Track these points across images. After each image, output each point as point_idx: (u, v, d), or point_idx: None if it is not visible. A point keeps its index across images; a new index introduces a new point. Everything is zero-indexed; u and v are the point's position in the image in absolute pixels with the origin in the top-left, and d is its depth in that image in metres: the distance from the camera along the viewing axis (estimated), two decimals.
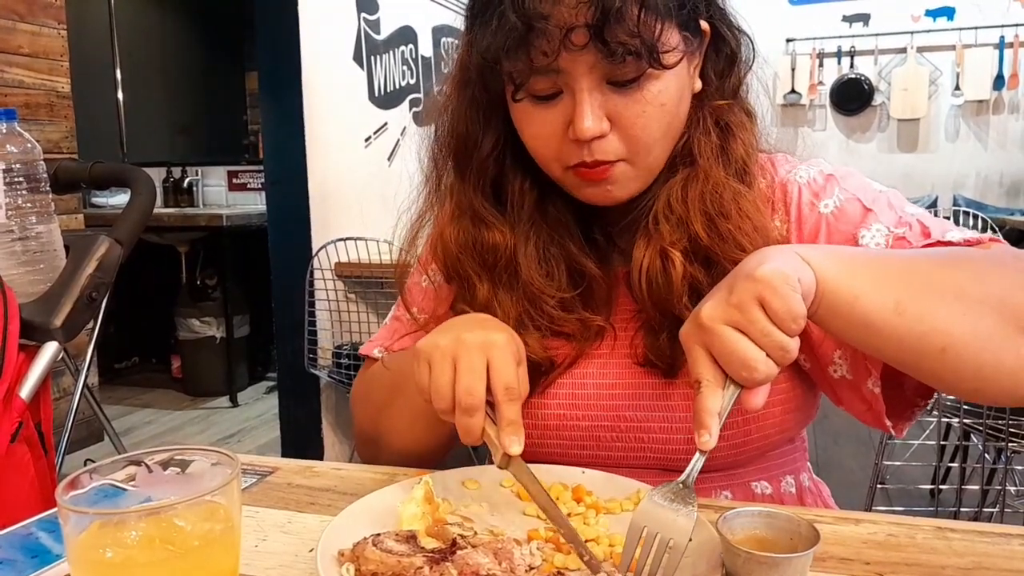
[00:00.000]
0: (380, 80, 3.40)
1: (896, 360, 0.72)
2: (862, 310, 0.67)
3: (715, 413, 0.63)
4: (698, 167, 0.83)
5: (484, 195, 0.88)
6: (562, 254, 0.88)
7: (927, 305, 0.68)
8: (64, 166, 1.28)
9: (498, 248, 0.87)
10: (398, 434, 0.92)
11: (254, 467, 0.91)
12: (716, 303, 0.64)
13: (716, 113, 0.85)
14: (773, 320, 0.62)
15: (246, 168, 4.95)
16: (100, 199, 4.55)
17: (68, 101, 3.39)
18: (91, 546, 0.50)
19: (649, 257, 0.82)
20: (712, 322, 0.63)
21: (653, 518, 0.62)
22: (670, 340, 0.83)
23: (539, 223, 0.88)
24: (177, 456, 0.58)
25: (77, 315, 0.99)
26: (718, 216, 0.81)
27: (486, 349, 0.72)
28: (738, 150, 0.84)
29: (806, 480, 0.95)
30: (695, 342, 0.65)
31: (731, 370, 0.63)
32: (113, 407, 4.17)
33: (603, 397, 0.87)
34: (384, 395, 0.93)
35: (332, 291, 3.05)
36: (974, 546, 0.70)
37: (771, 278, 0.62)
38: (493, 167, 0.88)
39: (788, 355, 0.63)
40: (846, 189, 0.85)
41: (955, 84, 4.76)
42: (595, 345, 0.88)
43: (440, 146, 0.91)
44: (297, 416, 3.20)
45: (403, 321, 1.00)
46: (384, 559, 0.61)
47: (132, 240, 1.09)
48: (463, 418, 0.71)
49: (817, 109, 4.99)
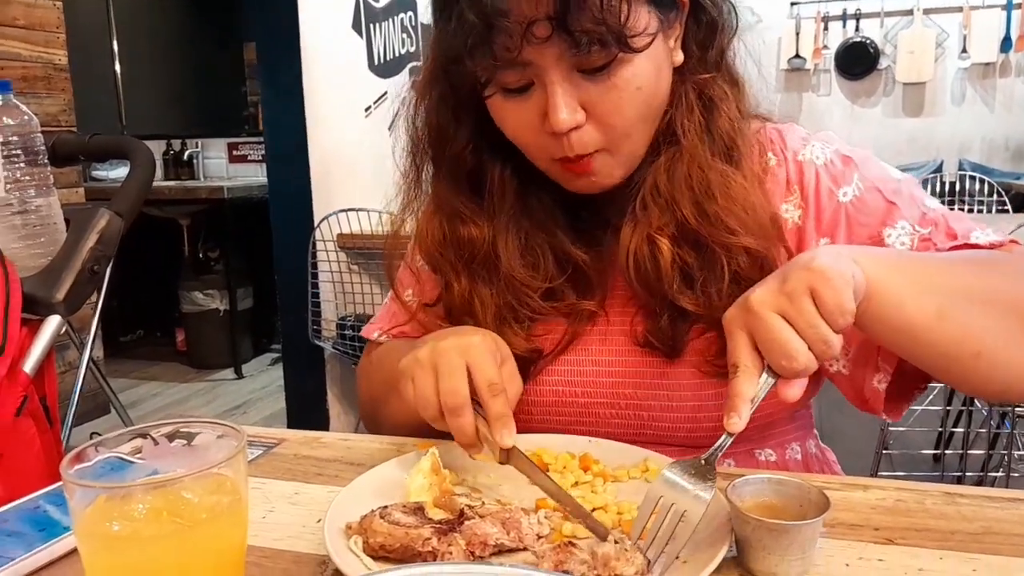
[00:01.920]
0: (379, 48, 3.36)
1: (928, 364, 0.73)
2: (907, 316, 0.68)
3: (748, 398, 0.63)
4: (682, 147, 0.81)
5: (461, 189, 0.87)
6: (548, 242, 0.86)
7: (965, 312, 0.69)
8: (62, 138, 1.26)
9: (475, 242, 0.86)
10: (395, 422, 0.92)
11: (260, 439, 0.91)
12: (767, 290, 0.64)
13: (699, 87, 0.82)
14: (822, 312, 0.62)
15: (246, 140, 4.93)
16: (100, 172, 4.53)
17: (65, 74, 3.35)
18: (98, 519, 0.50)
19: (636, 243, 0.81)
20: (761, 307, 0.63)
21: (670, 491, 0.62)
22: (671, 323, 0.82)
23: (522, 213, 0.87)
24: (183, 428, 0.58)
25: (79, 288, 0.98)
26: (705, 198, 0.79)
27: (463, 351, 0.73)
28: (723, 125, 0.82)
29: (812, 447, 0.95)
30: (739, 326, 0.64)
31: (771, 358, 0.63)
32: (118, 380, 4.19)
33: (601, 375, 0.87)
34: (381, 386, 0.94)
35: (335, 263, 3.04)
36: (983, 511, 0.70)
37: (827, 270, 0.62)
38: (471, 159, 0.86)
39: (830, 350, 0.62)
40: (866, 177, 0.83)
41: (962, 47, 4.70)
42: (589, 327, 0.88)
43: (416, 142, 0.89)
44: (302, 387, 3.21)
45: (402, 303, 0.99)
46: (392, 531, 0.61)
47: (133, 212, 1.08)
48: (453, 419, 0.71)
49: (821, 74, 4.92)
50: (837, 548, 0.64)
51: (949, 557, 0.62)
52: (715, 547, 0.60)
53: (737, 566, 0.61)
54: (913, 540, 0.65)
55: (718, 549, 0.59)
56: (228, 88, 5.21)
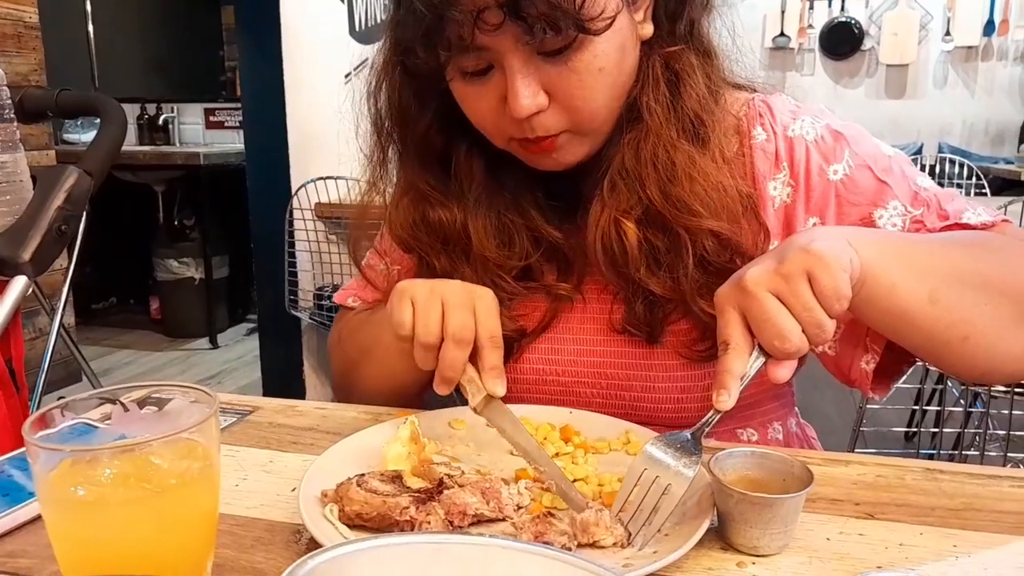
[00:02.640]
0: (361, 14, 3.30)
1: (916, 346, 0.73)
2: (899, 300, 0.67)
3: (738, 376, 0.62)
4: (648, 126, 0.78)
5: (428, 171, 0.85)
6: (521, 220, 0.85)
7: (956, 296, 0.69)
8: (30, 93, 1.22)
9: (446, 225, 0.85)
10: (370, 388, 0.91)
11: (234, 406, 0.89)
12: (763, 269, 0.62)
13: (666, 59, 0.79)
14: (818, 297, 0.61)
15: (223, 106, 4.84)
16: (72, 135, 4.44)
17: (36, 32, 3.26)
18: (62, 484, 0.48)
19: (604, 225, 0.80)
20: (756, 287, 0.61)
21: (654, 464, 0.61)
22: (646, 308, 0.81)
23: (493, 192, 0.85)
24: (154, 394, 0.56)
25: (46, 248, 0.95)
26: (670, 181, 0.77)
27: (471, 295, 0.72)
28: (690, 103, 0.79)
29: (793, 426, 0.95)
30: (731, 304, 0.63)
31: (764, 338, 0.61)
32: (91, 348, 4.13)
33: (583, 354, 0.86)
34: (357, 353, 0.93)
35: (312, 232, 3.00)
36: (963, 487, 0.70)
37: (825, 254, 0.61)
38: (436, 140, 0.85)
39: (824, 334, 0.61)
40: (856, 154, 0.82)
41: (945, 29, 4.70)
42: (568, 307, 0.87)
43: (379, 123, 0.87)
44: (278, 358, 3.18)
45: (376, 270, 0.98)
46: (369, 499, 0.60)
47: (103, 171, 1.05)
48: (453, 350, 0.69)
49: (806, 53, 4.91)
50: (818, 523, 0.64)
51: (929, 532, 0.62)
52: (697, 520, 0.59)
53: (719, 539, 0.61)
54: (894, 515, 0.65)
55: (700, 522, 0.59)
56: (205, 52, 5.10)
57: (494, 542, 0.46)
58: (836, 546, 0.60)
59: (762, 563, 0.58)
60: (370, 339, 0.89)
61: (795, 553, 0.59)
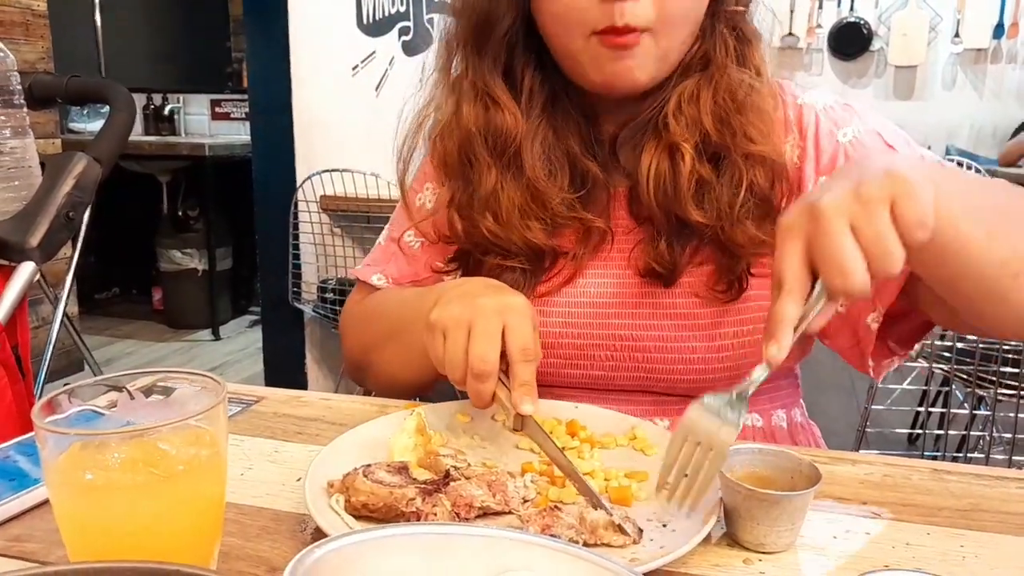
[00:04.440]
0: (369, 7, 3.29)
1: (969, 290, 0.68)
2: (962, 235, 0.63)
3: (791, 323, 0.57)
4: (712, 68, 0.83)
5: (500, 77, 0.87)
6: (566, 155, 0.87)
7: (1007, 229, 0.66)
8: (39, 79, 1.22)
9: (509, 133, 0.86)
10: (391, 372, 0.90)
11: (239, 396, 0.89)
12: (841, 194, 0.57)
13: (731, 20, 0.84)
14: (899, 224, 0.55)
15: (229, 97, 4.83)
16: (78, 124, 4.44)
17: (44, 20, 3.27)
18: (71, 468, 0.48)
19: (658, 157, 0.82)
20: (832, 212, 0.56)
21: (697, 427, 0.59)
22: (669, 246, 0.83)
23: (547, 120, 0.87)
24: (160, 382, 0.56)
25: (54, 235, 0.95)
26: (730, 111, 0.81)
27: (503, 313, 0.71)
28: (754, 57, 0.84)
29: (798, 416, 0.94)
30: (796, 234, 0.58)
31: (825, 271, 0.56)
32: (93, 338, 4.13)
33: (599, 316, 0.86)
34: (382, 335, 0.91)
35: (317, 224, 3.00)
36: (970, 488, 0.69)
37: (911, 180, 0.56)
38: (507, 51, 0.86)
39: (894, 266, 0.56)
40: (865, 120, 0.84)
41: (955, 31, 4.69)
42: (593, 257, 0.87)
43: (457, 25, 0.88)
44: (281, 350, 3.18)
45: (402, 245, 0.97)
46: (375, 490, 0.60)
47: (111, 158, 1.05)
48: (475, 384, 0.69)
49: (814, 53, 4.90)
50: (825, 521, 0.63)
51: (936, 532, 0.62)
52: (704, 516, 0.59)
53: (726, 536, 0.60)
54: (901, 515, 0.65)
55: (707, 518, 0.58)
56: (212, 43, 5.09)
57: (501, 533, 0.45)
58: (843, 545, 0.60)
59: (769, 560, 0.58)
60: (398, 322, 0.87)
61: (802, 551, 0.59)
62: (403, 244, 0.97)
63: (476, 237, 0.87)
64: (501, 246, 0.86)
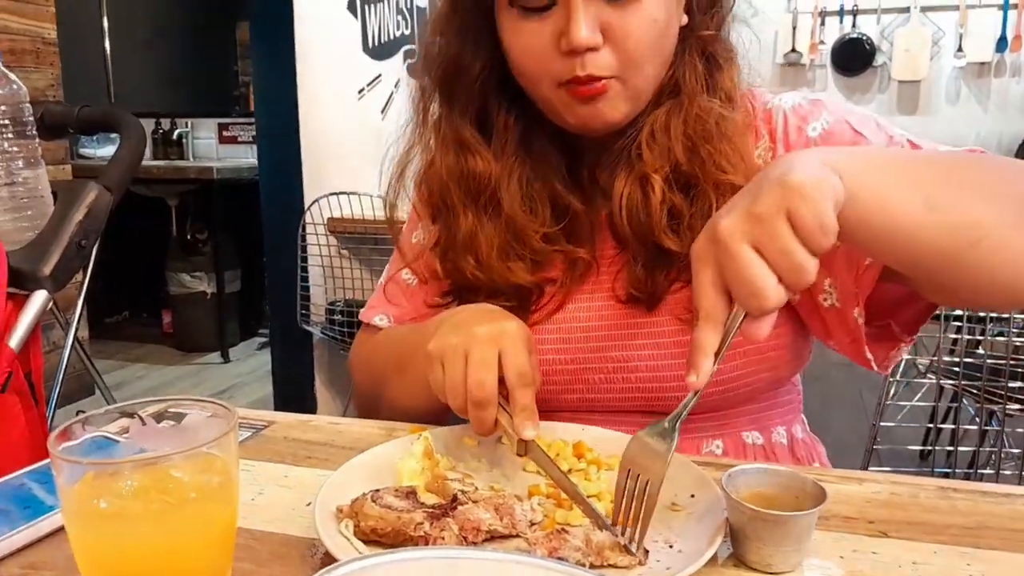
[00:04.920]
0: (374, 30, 3.33)
1: (926, 266, 0.67)
2: (893, 214, 0.62)
3: (710, 351, 0.59)
4: (683, 95, 0.83)
5: (471, 123, 0.88)
6: (546, 190, 0.88)
7: (954, 198, 0.64)
8: (51, 109, 1.24)
9: (481, 178, 0.87)
10: (401, 406, 0.91)
11: (249, 421, 0.90)
12: (737, 214, 0.58)
13: (702, 44, 0.85)
14: (800, 234, 0.56)
15: (237, 120, 4.88)
16: (88, 150, 4.48)
17: (54, 48, 3.31)
18: (85, 497, 0.49)
19: (630, 186, 0.83)
20: (730, 238, 0.57)
21: (637, 460, 0.62)
22: (646, 271, 0.83)
23: (523, 158, 0.88)
24: (171, 408, 0.57)
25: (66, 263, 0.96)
26: (700, 140, 0.82)
27: (497, 339, 0.72)
28: (724, 81, 0.85)
29: (799, 432, 0.94)
30: (705, 261, 0.59)
31: (739, 296, 0.58)
32: (104, 361, 4.16)
33: (590, 339, 0.87)
34: (388, 370, 0.93)
35: (325, 247, 3.02)
36: (977, 506, 0.69)
37: (802, 184, 0.57)
38: (479, 96, 0.88)
39: (806, 277, 0.57)
40: (834, 112, 0.85)
41: (958, 45, 4.70)
42: (580, 286, 0.88)
43: (428, 72, 0.90)
44: (290, 372, 3.19)
45: (400, 283, 0.99)
46: (384, 515, 0.60)
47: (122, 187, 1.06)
48: (475, 411, 0.70)
49: (817, 69, 4.92)
50: (831, 540, 0.64)
51: (943, 551, 0.62)
52: (709, 536, 0.59)
53: (732, 556, 0.61)
54: (907, 533, 0.65)
55: (712, 538, 0.59)
56: (219, 68, 5.15)
57: (509, 557, 0.46)
58: (850, 564, 0.60)
59: None
60: (401, 357, 0.89)
61: (808, 571, 0.59)
62: (401, 283, 0.99)
63: (460, 280, 0.89)
64: (486, 287, 0.87)
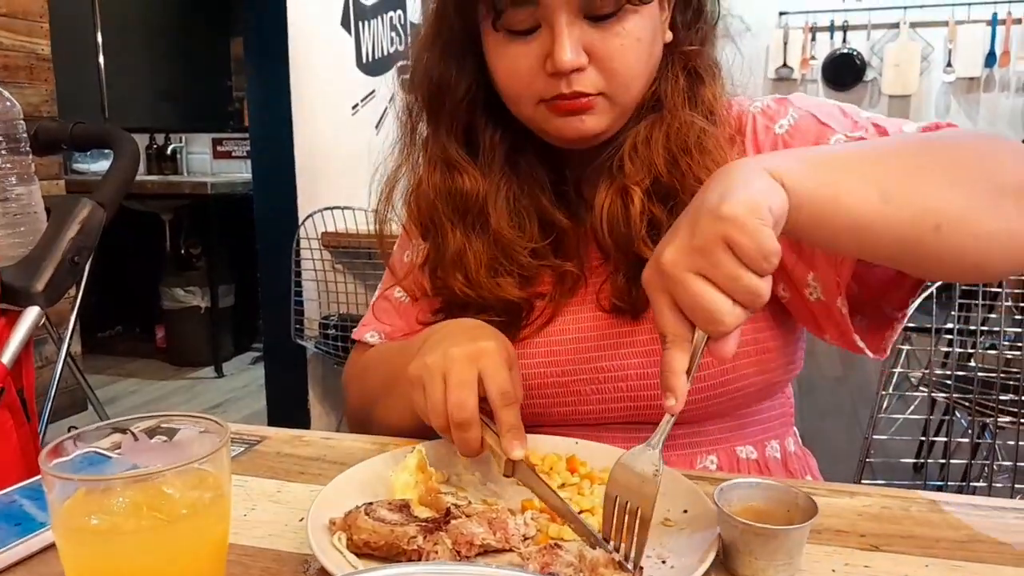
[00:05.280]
0: (368, 46, 3.35)
1: (894, 255, 0.68)
2: (846, 210, 0.62)
3: (681, 372, 0.59)
4: (664, 110, 0.84)
5: (457, 141, 0.89)
6: (533, 206, 0.89)
7: (910, 186, 0.65)
8: (44, 126, 1.24)
9: (468, 195, 0.88)
10: (390, 425, 0.91)
11: (242, 436, 0.90)
12: (678, 247, 0.59)
13: (685, 59, 0.86)
14: (743, 261, 0.56)
15: (231, 136, 4.89)
16: (82, 165, 4.48)
17: (48, 64, 3.31)
18: (77, 513, 0.49)
19: (610, 198, 0.84)
20: (674, 269, 0.58)
21: (624, 486, 0.61)
22: (627, 281, 0.84)
23: (510, 175, 0.89)
24: (164, 424, 0.57)
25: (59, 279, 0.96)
26: (680, 153, 0.82)
27: (476, 359, 0.72)
28: (706, 95, 0.85)
29: (791, 445, 0.95)
30: (658, 290, 0.60)
31: (697, 322, 0.58)
32: (96, 376, 4.13)
33: (579, 351, 0.87)
34: (378, 388, 0.93)
35: (319, 261, 3.02)
36: (968, 519, 0.70)
37: (736, 215, 0.56)
38: (465, 114, 0.88)
39: (759, 298, 0.57)
40: (800, 108, 0.85)
41: (947, 61, 4.75)
42: (569, 297, 0.89)
43: (414, 93, 0.91)
44: (283, 387, 3.18)
45: (391, 301, 0.99)
46: (377, 528, 0.60)
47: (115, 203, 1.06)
48: (458, 433, 0.70)
49: (809, 84, 4.96)
50: (823, 554, 0.64)
51: (935, 564, 0.62)
52: (702, 551, 0.59)
53: (724, 570, 0.61)
54: (899, 547, 0.65)
55: (705, 553, 0.59)
56: (214, 83, 5.17)
57: (502, 572, 0.46)
58: None
59: None
60: (389, 376, 0.89)
61: None
62: (393, 300, 1.00)
63: (450, 296, 0.90)
64: (476, 303, 0.88)
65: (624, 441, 0.83)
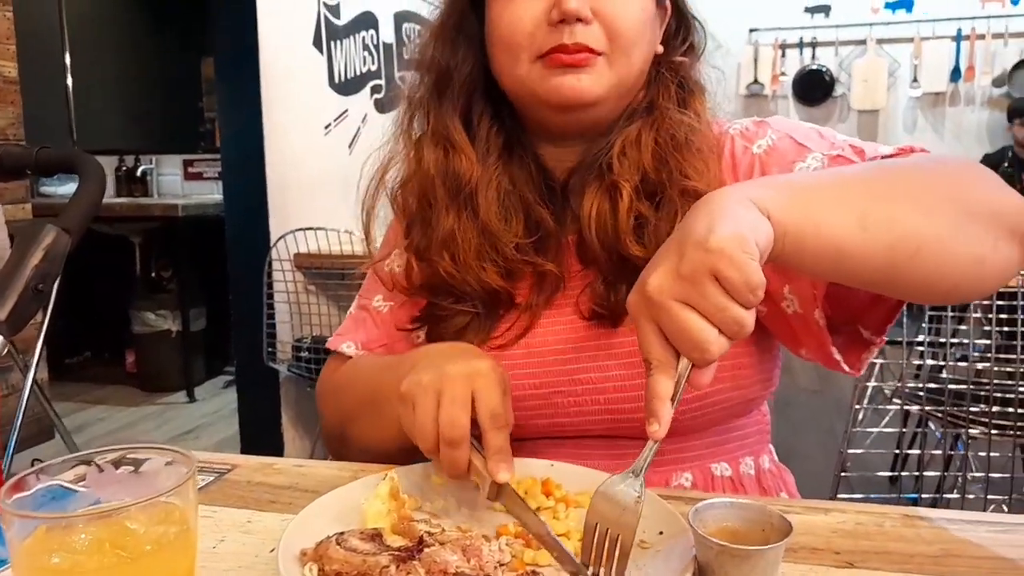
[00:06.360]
0: (340, 66, 3.34)
1: (872, 280, 0.69)
2: (827, 237, 0.63)
3: (666, 399, 0.59)
4: (656, 111, 0.86)
5: (459, 122, 0.90)
6: (521, 202, 0.90)
7: (889, 212, 0.66)
8: (8, 151, 1.22)
9: (463, 177, 0.89)
10: (369, 442, 0.90)
11: (212, 465, 0.88)
12: (665, 274, 0.59)
13: (676, 69, 0.89)
14: (729, 293, 0.57)
15: (202, 157, 4.86)
16: (49, 188, 4.42)
17: (15, 86, 3.27)
18: (37, 552, 0.47)
19: (599, 196, 0.85)
20: (660, 296, 0.58)
21: (603, 514, 0.61)
22: (608, 286, 0.84)
23: (503, 167, 0.90)
24: (129, 455, 0.56)
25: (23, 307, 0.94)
26: (669, 150, 0.84)
27: (471, 379, 0.71)
28: (696, 105, 0.88)
29: (766, 462, 0.95)
30: (644, 316, 0.60)
31: (682, 350, 0.59)
32: (64, 404, 4.05)
33: (558, 362, 0.87)
34: (357, 406, 0.91)
35: (291, 283, 3.00)
36: (942, 534, 0.70)
37: (724, 247, 0.57)
38: (464, 99, 0.90)
39: (744, 329, 0.58)
40: (778, 129, 0.87)
41: (913, 76, 4.85)
42: (547, 306, 0.89)
43: (420, 79, 0.92)
44: (256, 411, 3.14)
45: (370, 311, 0.98)
46: (349, 558, 0.59)
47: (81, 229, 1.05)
48: (448, 451, 0.69)
49: (779, 100, 5.04)
50: (798, 572, 0.64)
51: None
52: (678, 572, 0.59)
53: None
54: (874, 563, 0.65)
55: (681, 574, 0.58)
56: (184, 104, 5.13)
57: None
58: None
59: None
60: (372, 392, 0.87)
61: None
62: (372, 310, 0.99)
63: (433, 280, 0.90)
64: (457, 288, 0.88)
65: (604, 457, 0.83)
